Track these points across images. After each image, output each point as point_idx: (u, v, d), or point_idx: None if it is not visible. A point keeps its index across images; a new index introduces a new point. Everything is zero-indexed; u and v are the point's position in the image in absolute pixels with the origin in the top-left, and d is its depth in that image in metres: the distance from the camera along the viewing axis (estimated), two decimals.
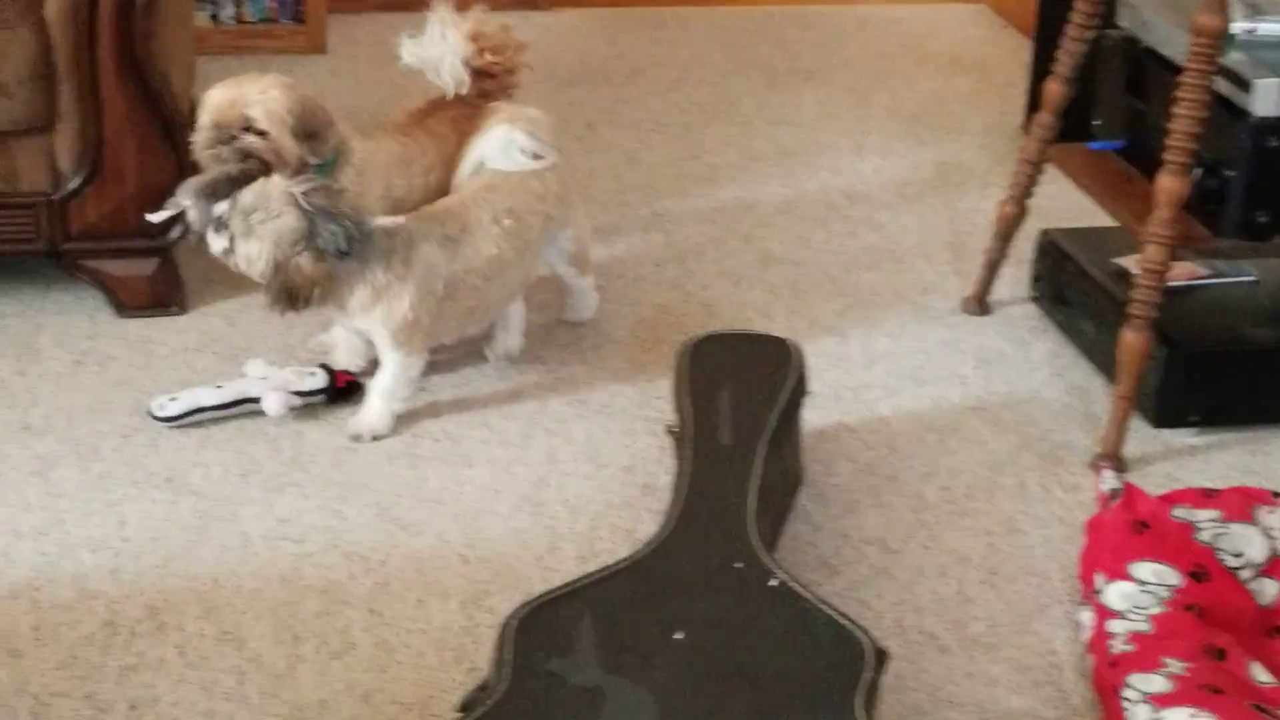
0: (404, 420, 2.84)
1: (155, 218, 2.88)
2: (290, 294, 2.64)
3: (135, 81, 3.04)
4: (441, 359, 2.98)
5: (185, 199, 2.78)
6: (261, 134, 2.83)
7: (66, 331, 3.08)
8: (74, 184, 3.06)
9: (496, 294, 2.87)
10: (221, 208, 2.68)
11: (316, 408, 2.85)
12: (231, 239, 2.66)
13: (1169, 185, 2.68)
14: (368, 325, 2.77)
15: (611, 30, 4.71)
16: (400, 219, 2.77)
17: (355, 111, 4.09)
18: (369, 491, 2.66)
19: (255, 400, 2.82)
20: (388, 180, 3.00)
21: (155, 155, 3.08)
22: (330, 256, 2.62)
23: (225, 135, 2.83)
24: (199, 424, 2.80)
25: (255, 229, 2.62)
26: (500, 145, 2.91)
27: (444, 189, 3.02)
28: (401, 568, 2.48)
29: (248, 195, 2.65)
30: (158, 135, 3.08)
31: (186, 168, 3.07)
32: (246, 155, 2.83)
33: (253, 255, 2.64)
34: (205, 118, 2.86)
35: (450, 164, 3.06)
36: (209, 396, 2.81)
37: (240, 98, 2.83)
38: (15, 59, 2.95)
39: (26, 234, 3.08)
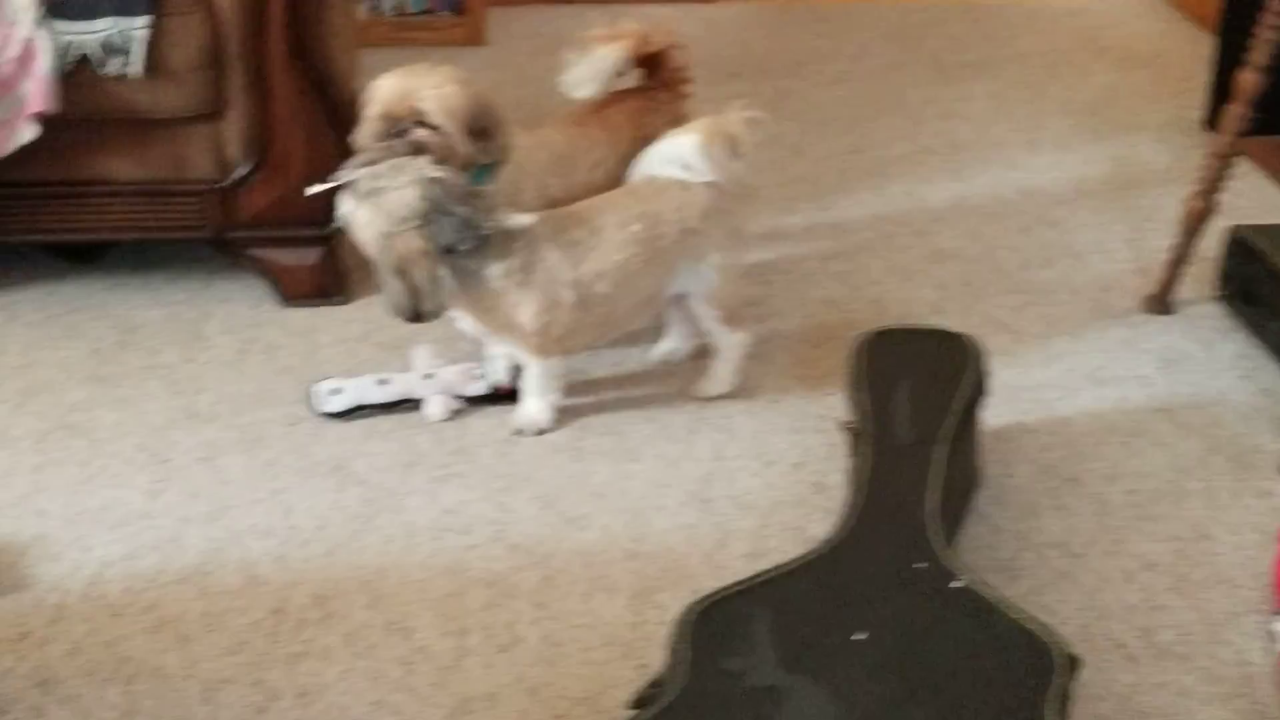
0: (568, 414, 2.80)
1: (314, 190, 2.83)
2: (402, 275, 2.53)
3: (303, 69, 3.04)
4: (605, 353, 2.94)
5: (345, 175, 2.75)
6: (433, 128, 2.75)
7: (232, 319, 3.09)
8: (241, 172, 3.07)
9: (627, 303, 2.73)
10: (357, 172, 2.61)
11: (481, 404, 2.82)
12: (347, 200, 2.61)
13: None
14: (492, 331, 2.69)
15: (775, 23, 4.64)
16: (529, 219, 2.66)
17: (514, 104, 4.06)
18: (533, 484, 2.62)
19: (418, 401, 2.79)
20: (542, 180, 2.91)
21: (322, 144, 3.07)
22: (440, 249, 2.54)
23: (395, 127, 2.76)
24: (362, 418, 2.79)
25: (374, 197, 2.56)
26: (671, 155, 2.77)
27: (615, 184, 2.92)
28: (568, 561, 2.44)
29: (383, 165, 2.59)
30: (325, 124, 3.07)
31: (351, 156, 3.07)
32: (417, 149, 2.74)
33: (363, 222, 2.57)
34: (374, 107, 2.78)
35: (624, 159, 2.96)
36: (373, 394, 2.78)
37: (413, 89, 2.75)
38: (187, 47, 2.96)
39: (194, 221, 3.09)
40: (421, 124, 2.74)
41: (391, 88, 2.77)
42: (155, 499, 2.58)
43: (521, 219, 2.65)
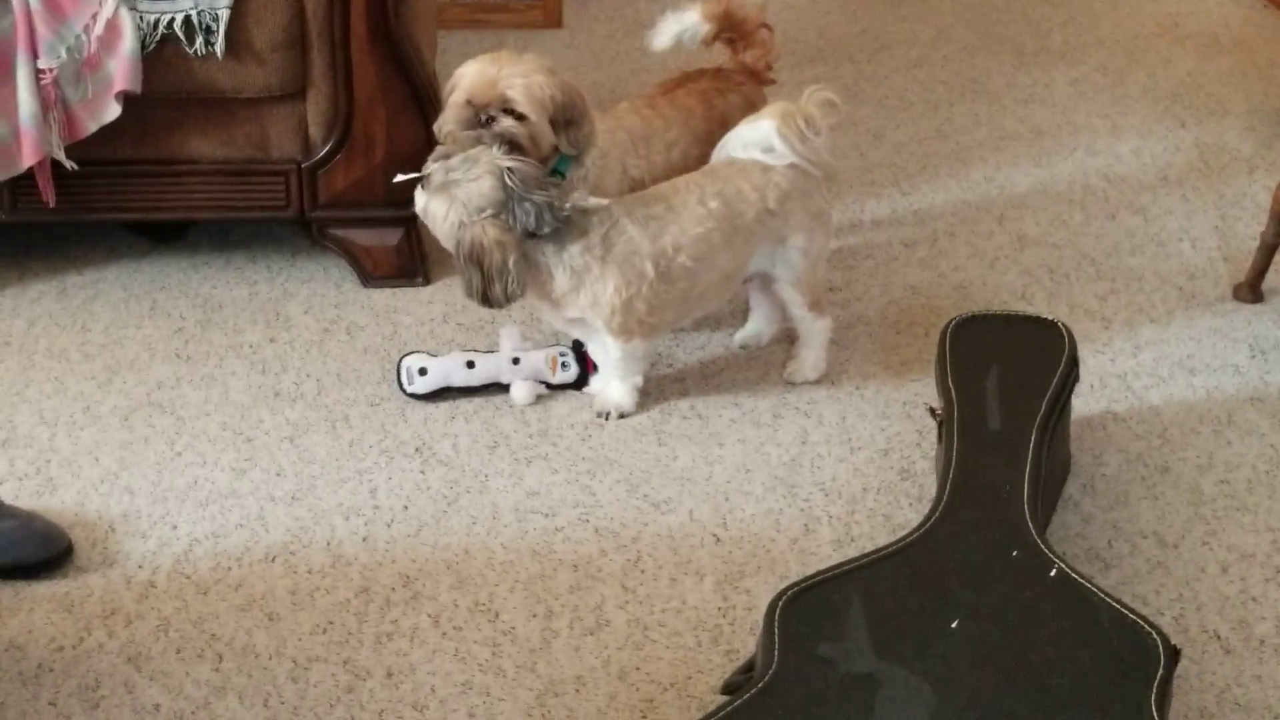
0: (651, 397, 2.78)
1: (401, 178, 2.81)
2: (477, 262, 2.52)
3: (386, 50, 3.03)
4: (689, 337, 2.92)
5: (428, 167, 2.74)
6: (520, 117, 2.70)
7: (314, 299, 3.09)
8: (324, 152, 3.06)
9: (707, 278, 2.70)
10: (432, 166, 2.60)
11: (563, 390, 2.81)
12: (421, 191, 2.60)
13: None
14: (579, 314, 2.66)
15: (853, 6, 4.59)
16: (605, 200, 2.65)
17: (592, 87, 4.05)
18: (618, 467, 2.60)
19: (505, 385, 2.78)
20: (624, 161, 2.89)
21: (404, 125, 3.06)
22: (520, 234, 2.53)
23: (482, 115, 2.72)
24: (446, 399, 2.78)
25: (449, 187, 2.55)
26: (752, 140, 2.74)
27: (690, 165, 2.90)
28: (653, 545, 2.42)
29: (457, 157, 2.58)
30: (407, 105, 3.06)
31: (434, 138, 3.06)
32: (504, 139, 2.69)
33: (438, 214, 2.56)
34: (460, 95, 2.74)
35: (699, 139, 2.94)
36: (459, 376, 2.77)
37: (501, 77, 2.71)
38: (270, 26, 2.95)
39: (277, 201, 3.09)
40: (508, 112, 2.71)
41: (478, 74, 2.73)
42: (241, 477, 2.58)
43: (597, 200, 2.63)
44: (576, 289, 2.61)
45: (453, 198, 2.55)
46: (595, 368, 2.80)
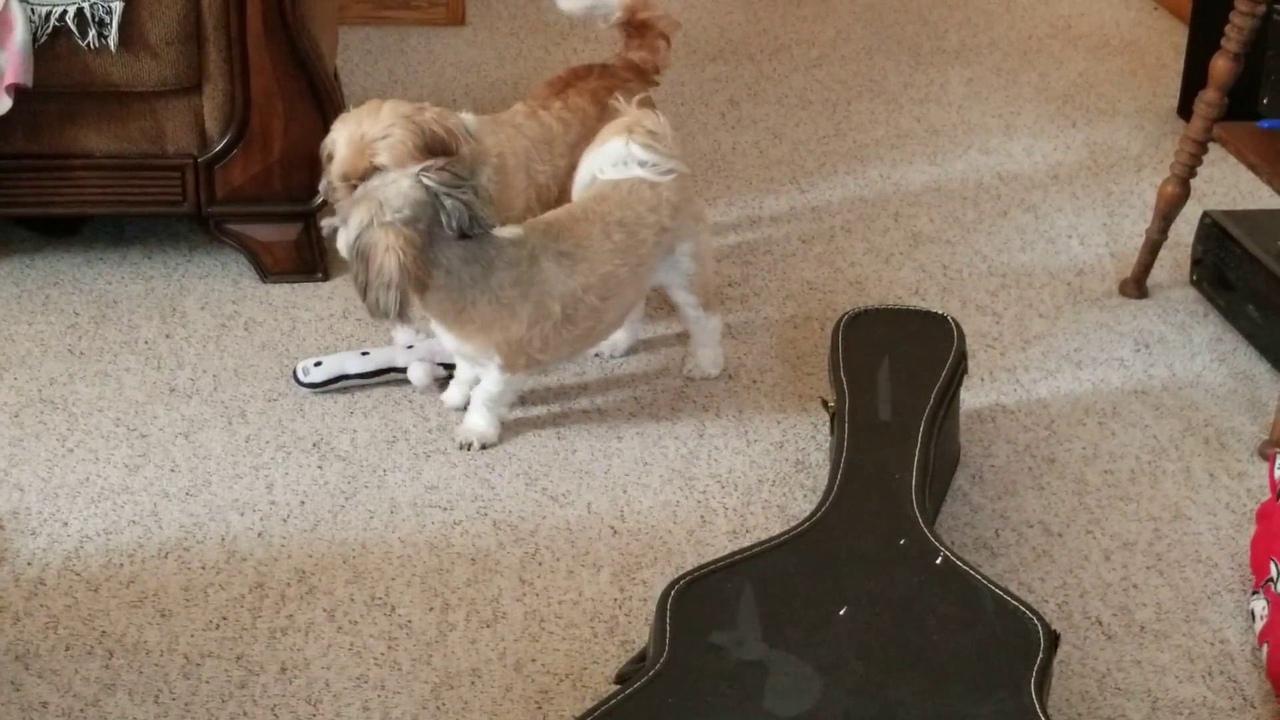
0: (551, 392, 2.80)
1: (326, 227, 2.68)
2: (364, 263, 2.42)
3: (283, 44, 3.02)
4: None
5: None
6: None
7: (211, 295, 3.07)
8: (220, 146, 3.05)
9: (612, 314, 2.68)
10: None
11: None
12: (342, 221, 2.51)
13: None
14: (482, 351, 2.58)
15: (754, 6, 4.64)
16: (520, 230, 2.60)
17: (495, 85, 4.07)
18: (516, 460, 2.62)
19: (401, 370, 2.79)
20: (529, 169, 2.87)
21: (302, 120, 3.06)
22: (448, 243, 2.46)
23: (361, 185, 2.63)
24: (344, 390, 2.78)
25: (367, 195, 2.47)
26: (614, 159, 2.70)
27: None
28: (551, 538, 2.44)
29: (375, 179, 2.54)
30: (305, 99, 3.06)
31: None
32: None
33: (351, 224, 2.46)
34: (336, 170, 2.69)
35: (593, 138, 2.90)
36: (354, 364, 2.78)
37: (364, 144, 2.65)
38: (164, 19, 2.94)
39: (173, 196, 3.07)
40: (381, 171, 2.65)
41: (346, 144, 2.68)
42: (134, 474, 2.57)
43: (515, 230, 2.59)
44: (494, 322, 2.53)
45: (370, 198, 2.46)
46: None
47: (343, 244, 2.52)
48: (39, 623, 2.25)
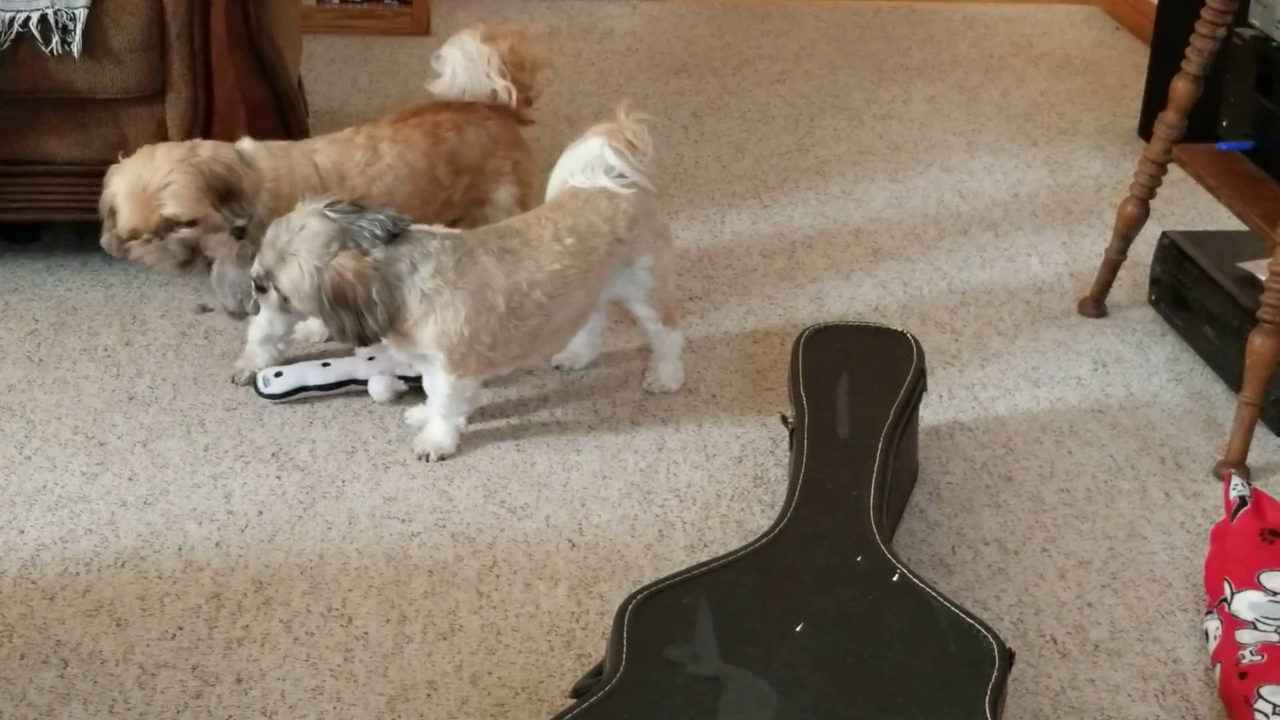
0: (510, 405, 2.81)
1: (251, 308, 2.68)
2: (344, 302, 2.46)
3: (246, 53, 3.03)
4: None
5: (215, 295, 2.68)
6: (190, 224, 2.65)
7: (171, 303, 3.06)
8: None
9: (560, 317, 2.68)
10: (252, 270, 2.55)
11: (422, 390, 2.81)
12: (269, 281, 2.52)
13: None
14: (425, 347, 2.57)
15: (718, 21, 4.66)
16: (455, 230, 2.62)
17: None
18: (475, 473, 2.62)
19: (362, 382, 2.79)
20: (310, 197, 2.65)
21: (265, 129, 3.06)
22: (375, 247, 2.48)
23: (153, 237, 2.67)
24: (304, 400, 2.78)
25: (286, 252, 2.49)
26: (587, 160, 2.70)
27: (398, 199, 2.80)
28: (509, 551, 2.44)
29: (270, 232, 2.52)
30: (268, 109, 3.06)
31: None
32: (189, 249, 2.67)
33: (295, 277, 2.48)
34: (124, 226, 2.66)
35: (414, 173, 2.84)
36: (315, 375, 2.77)
37: (148, 196, 2.63)
38: (128, 27, 2.93)
39: None
40: (175, 225, 2.65)
41: (129, 200, 2.64)
42: (92, 482, 2.56)
43: (446, 230, 2.60)
44: (427, 315, 2.53)
45: (295, 253, 2.48)
46: None
47: (273, 302, 2.53)
48: None
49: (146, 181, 2.64)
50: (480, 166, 2.94)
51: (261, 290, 2.55)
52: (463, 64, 2.99)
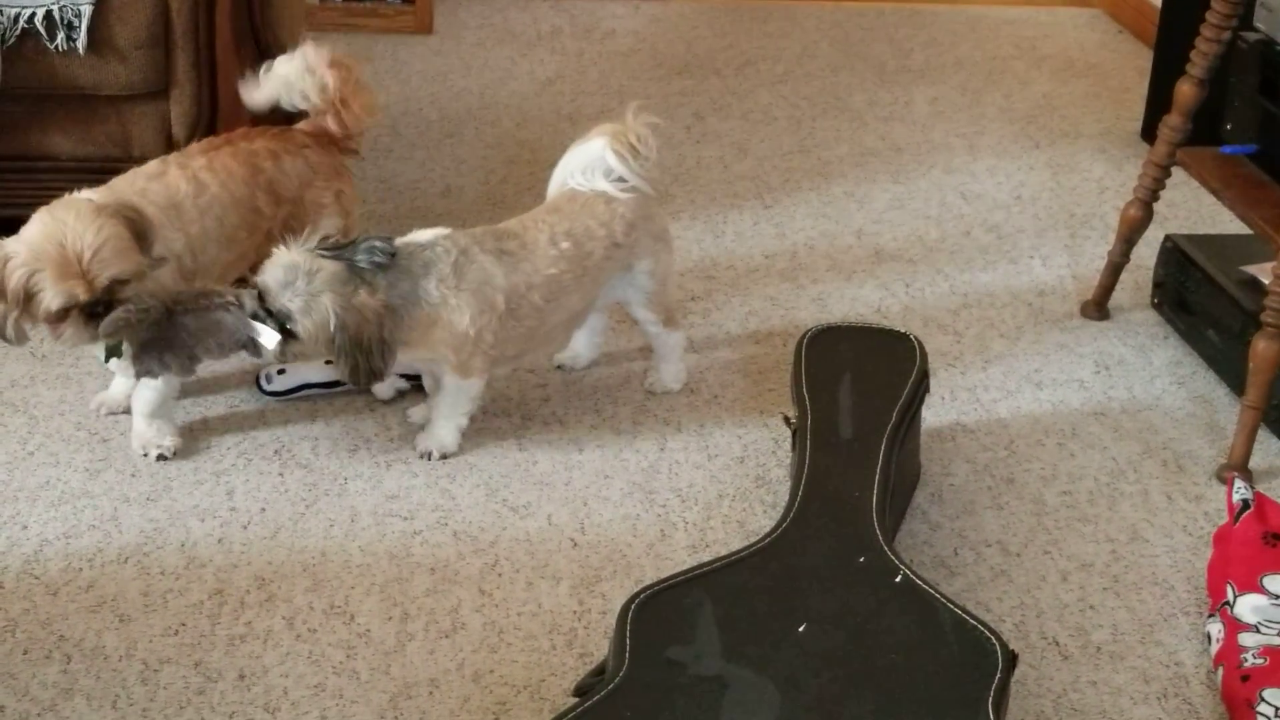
0: (512, 403, 2.81)
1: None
2: (359, 343, 2.43)
3: (251, 50, 3.02)
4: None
5: (158, 365, 2.46)
6: (125, 281, 2.43)
7: None
8: None
9: (556, 318, 2.68)
10: (248, 306, 2.43)
11: (423, 388, 2.81)
12: (286, 322, 2.43)
13: None
14: (431, 352, 2.57)
15: (720, 22, 4.66)
16: (446, 231, 2.59)
17: (460, 93, 4.07)
18: (477, 471, 2.62)
19: None
20: (162, 235, 2.55)
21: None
22: (377, 276, 2.45)
23: (101, 304, 2.42)
24: (307, 398, 2.78)
25: (310, 303, 2.41)
26: (587, 161, 2.70)
27: (227, 231, 2.66)
28: (511, 549, 2.44)
29: (271, 278, 2.42)
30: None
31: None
32: (141, 306, 2.41)
33: (320, 321, 2.41)
34: (58, 303, 2.38)
35: (237, 203, 2.67)
36: (317, 374, 2.77)
37: (87, 266, 2.38)
38: (133, 24, 2.93)
39: None
40: (116, 284, 2.43)
41: (58, 277, 2.38)
42: (95, 478, 2.56)
43: (435, 230, 2.58)
44: (434, 323, 2.53)
45: (317, 295, 2.41)
46: None
47: (273, 345, 2.43)
48: None
49: (78, 249, 2.37)
50: (300, 198, 2.78)
51: (262, 333, 2.44)
52: (284, 82, 2.79)
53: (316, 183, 2.80)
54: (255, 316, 2.44)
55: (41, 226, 2.41)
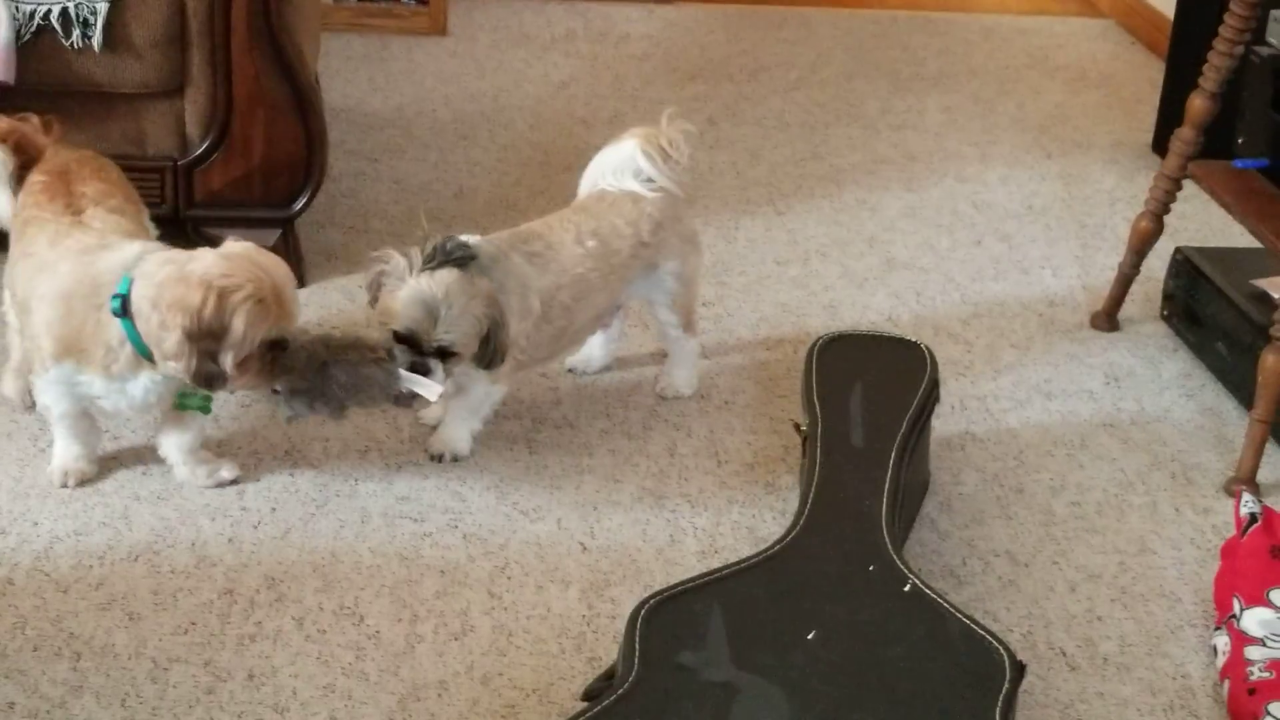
0: (523, 406, 2.81)
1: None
2: (503, 328, 2.48)
3: (267, 49, 3.03)
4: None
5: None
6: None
7: None
8: (201, 150, 3.05)
9: (583, 318, 2.70)
10: (401, 360, 2.43)
11: None
12: (446, 348, 2.44)
13: None
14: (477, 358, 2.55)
15: (735, 27, 4.67)
16: (479, 237, 2.58)
17: (474, 95, 4.08)
18: (488, 474, 2.63)
19: None
20: None
21: (284, 126, 3.06)
22: (471, 265, 2.48)
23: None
24: None
25: (459, 318, 2.43)
26: (619, 163, 2.72)
27: None
28: (521, 553, 2.45)
29: (410, 319, 2.42)
30: (287, 106, 3.06)
31: (315, 138, 3.06)
32: (297, 353, 2.39)
33: (468, 329, 2.44)
34: (256, 340, 2.31)
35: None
36: None
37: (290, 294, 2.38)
38: (149, 22, 2.94)
39: (151, 198, 3.05)
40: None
41: (279, 298, 2.33)
42: (106, 475, 2.56)
43: (474, 237, 2.58)
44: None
45: (465, 311, 2.44)
46: None
47: (436, 396, 2.46)
48: (7, 623, 2.24)
49: (278, 277, 2.35)
50: None
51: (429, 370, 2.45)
52: None
53: None
54: (413, 368, 2.44)
55: (241, 258, 2.34)
